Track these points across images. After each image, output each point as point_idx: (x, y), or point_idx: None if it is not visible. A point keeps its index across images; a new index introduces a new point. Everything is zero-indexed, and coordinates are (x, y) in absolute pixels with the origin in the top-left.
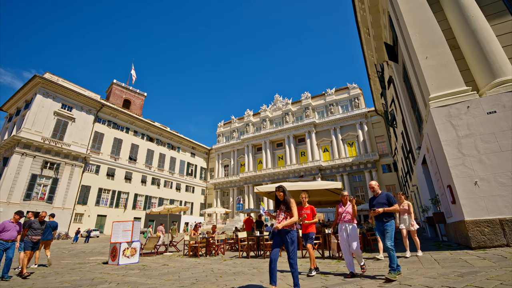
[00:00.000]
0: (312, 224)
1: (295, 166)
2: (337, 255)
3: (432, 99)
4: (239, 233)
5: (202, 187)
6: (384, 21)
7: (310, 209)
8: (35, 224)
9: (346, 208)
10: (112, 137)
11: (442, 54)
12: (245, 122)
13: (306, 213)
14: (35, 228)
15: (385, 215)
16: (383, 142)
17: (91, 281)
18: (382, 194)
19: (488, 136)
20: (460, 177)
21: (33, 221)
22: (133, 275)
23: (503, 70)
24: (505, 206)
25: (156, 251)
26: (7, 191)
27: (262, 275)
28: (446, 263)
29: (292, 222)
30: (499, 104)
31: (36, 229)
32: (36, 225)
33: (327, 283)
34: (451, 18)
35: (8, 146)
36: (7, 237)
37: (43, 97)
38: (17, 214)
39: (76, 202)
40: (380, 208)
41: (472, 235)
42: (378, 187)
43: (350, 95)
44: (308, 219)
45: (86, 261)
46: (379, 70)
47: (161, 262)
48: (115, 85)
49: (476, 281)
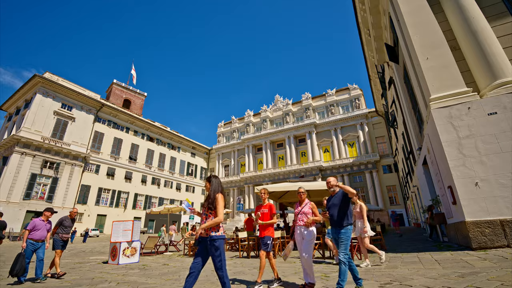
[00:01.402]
0: (269, 226)
1: (295, 167)
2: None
3: (433, 100)
4: (239, 233)
5: (202, 187)
6: (384, 22)
7: (268, 208)
8: (67, 221)
9: (302, 209)
10: (112, 136)
11: (443, 55)
12: (245, 122)
13: (262, 212)
14: (66, 226)
15: (341, 219)
16: (383, 143)
17: (91, 281)
18: (339, 193)
19: (488, 137)
20: (461, 178)
21: (64, 218)
22: (133, 274)
23: (504, 71)
24: (506, 207)
25: (156, 251)
26: (6, 190)
27: (262, 275)
28: (446, 264)
29: (214, 223)
30: (499, 105)
31: (67, 226)
32: (67, 223)
33: (328, 283)
34: (452, 20)
35: (8, 145)
36: (38, 236)
37: (43, 97)
38: (48, 211)
39: (76, 201)
40: (335, 210)
41: (472, 235)
42: (336, 184)
43: (350, 96)
44: (264, 219)
45: (86, 260)
46: (380, 71)
47: (161, 262)
48: (115, 85)
49: (476, 281)
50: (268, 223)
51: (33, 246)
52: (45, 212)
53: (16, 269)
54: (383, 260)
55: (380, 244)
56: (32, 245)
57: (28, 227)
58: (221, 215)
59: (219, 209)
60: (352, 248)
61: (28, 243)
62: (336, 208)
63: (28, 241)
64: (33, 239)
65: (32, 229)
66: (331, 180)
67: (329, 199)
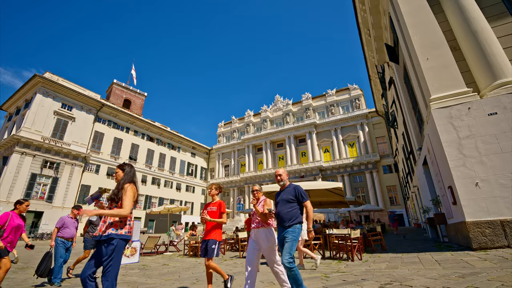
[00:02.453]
0: (217, 228)
1: (295, 167)
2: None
3: (433, 100)
4: (239, 233)
5: (202, 187)
6: (385, 22)
7: (218, 206)
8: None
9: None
10: (112, 136)
11: (443, 56)
12: (245, 122)
13: (210, 210)
14: (96, 224)
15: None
16: (384, 143)
17: None
18: (290, 187)
19: (489, 137)
20: (461, 178)
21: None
22: (133, 274)
23: (504, 71)
24: (506, 207)
25: (156, 251)
26: (6, 190)
27: (263, 275)
28: (447, 264)
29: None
30: (500, 106)
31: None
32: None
33: (328, 283)
34: (452, 20)
35: (8, 145)
36: (68, 234)
37: (43, 97)
38: (76, 209)
39: (76, 201)
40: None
41: (473, 236)
42: (286, 177)
43: (350, 96)
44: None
45: (87, 260)
46: (380, 71)
47: (161, 262)
48: (115, 85)
49: (477, 282)
50: (215, 222)
51: (64, 245)
52: (73, 210)
53: (41, 269)
54: (318, 264)
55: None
56: (62, 243)
57: (57, 225)
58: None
59: (126, 201)
60: (352, 248)
61: (59, 241)
62: (284, 204)
63: (58, 239)
64: (63, 237)
65: (61, 227)
66: (281, 172)
67: (277, 194)
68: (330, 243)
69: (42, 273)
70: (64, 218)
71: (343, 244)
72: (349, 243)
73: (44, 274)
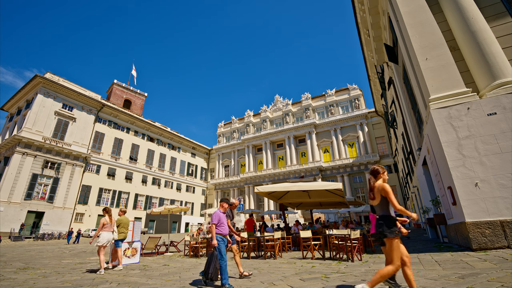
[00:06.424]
0: None
1: (295, 167)
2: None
3: (432, 100)
4: (239, 233)
5: (202, 187)
6: (384, 22)
7: None
8: None
9: None
10: (113, 137)
11: (442, 56)
12: (245, 122)
13: None
14: None
15: None
16: (383, 143)
17: (92, 281)
18: None
19: (488, 137)
20: (461, 178)
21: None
22: (133, 275)
23: (503, 71)
24: (506, 208)
25: (156, 251)
26: (8, 191)
27: (263, 275)
28: (447, 265)
29: None
30: (499, 106)
31: None
32: None
33: (328, 284)
34: (451, 20)
35: (9, 145)
36: (226, 231)
37: (44, 97)
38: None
39: (77, 201)
40: None
41: (473, 236)
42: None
43: (350, 96)
44: None
45: (87, 261)
46: (379, 71)
47: (162, 263)
48: (115, 85)
49: (477, 283)
50: None
51: (224, 242)
52: (223, 204)
53: (210, 272)
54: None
55: None
56: (222, 240)
57: (214, 221)
58: None
59: None
60: (352, 249)
61: (219, 238)
62: None
63: (218, 237)
64: (222, 234)
65: (218, 223)
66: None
67: None
68: (330, 243)
69: (212, 276)
70: (219, 213)
71: (343, 244)
72: (349, 244)
73: (215, 277)
